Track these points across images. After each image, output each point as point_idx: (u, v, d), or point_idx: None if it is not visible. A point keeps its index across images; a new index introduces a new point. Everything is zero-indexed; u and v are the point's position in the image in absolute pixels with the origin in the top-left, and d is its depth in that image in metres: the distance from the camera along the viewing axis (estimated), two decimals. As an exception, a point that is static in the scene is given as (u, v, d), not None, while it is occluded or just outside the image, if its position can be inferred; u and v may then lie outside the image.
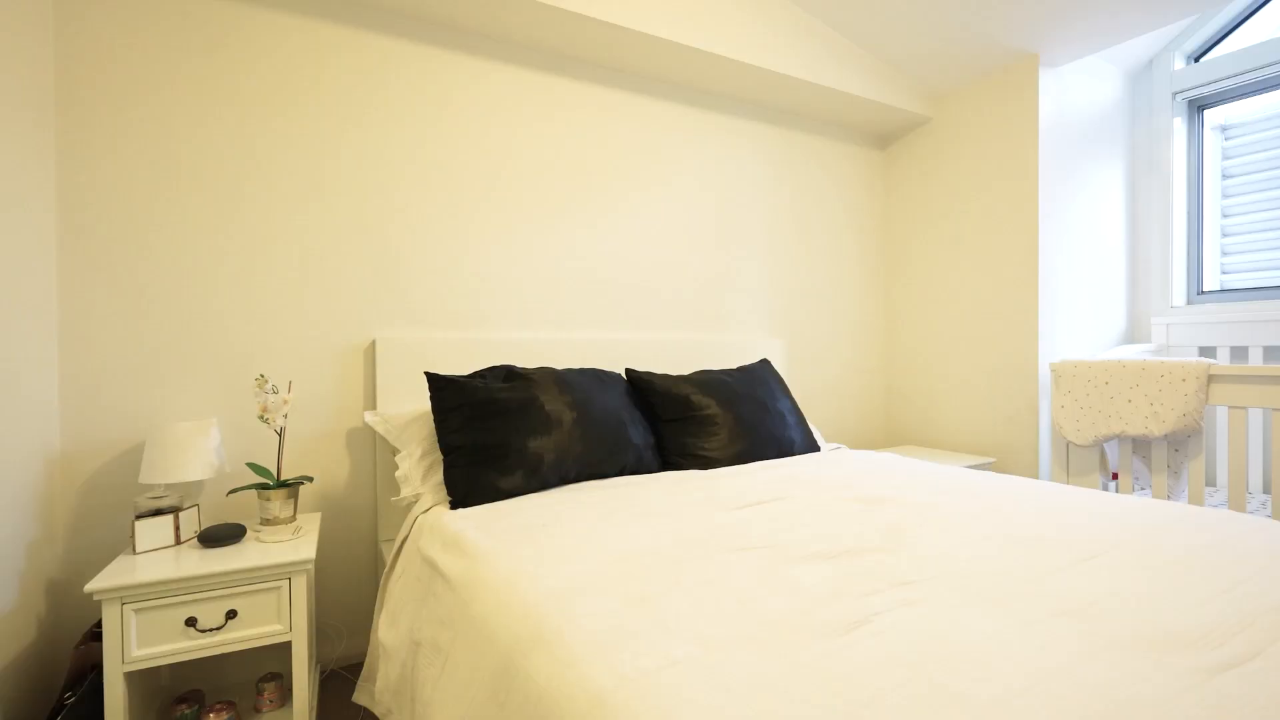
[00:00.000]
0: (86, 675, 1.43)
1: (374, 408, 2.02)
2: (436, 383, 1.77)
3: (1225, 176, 3.04)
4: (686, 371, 2.56)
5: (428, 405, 1.98)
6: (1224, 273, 3.06)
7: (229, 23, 1.83)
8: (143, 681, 1.51)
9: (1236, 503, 2.09)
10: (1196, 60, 3.00)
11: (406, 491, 1.72)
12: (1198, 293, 3.01)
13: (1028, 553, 1.17)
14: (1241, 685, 0.73)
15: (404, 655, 1.28)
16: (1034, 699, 0.70)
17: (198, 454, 1.60)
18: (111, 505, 1.69)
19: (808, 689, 0.72)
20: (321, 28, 1.95)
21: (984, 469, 2.76)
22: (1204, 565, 1.08)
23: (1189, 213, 3.04)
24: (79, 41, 1.66)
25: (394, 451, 1.98)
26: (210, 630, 1.39)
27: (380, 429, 1.89)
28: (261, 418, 1.64)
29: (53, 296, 1.62)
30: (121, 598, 1.32)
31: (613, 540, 1.25)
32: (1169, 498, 2.29)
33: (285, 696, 1.64)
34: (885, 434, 3.31)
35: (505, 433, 1.70)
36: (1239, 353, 2.80)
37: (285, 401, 1.67)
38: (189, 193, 1.79)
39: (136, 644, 1.34)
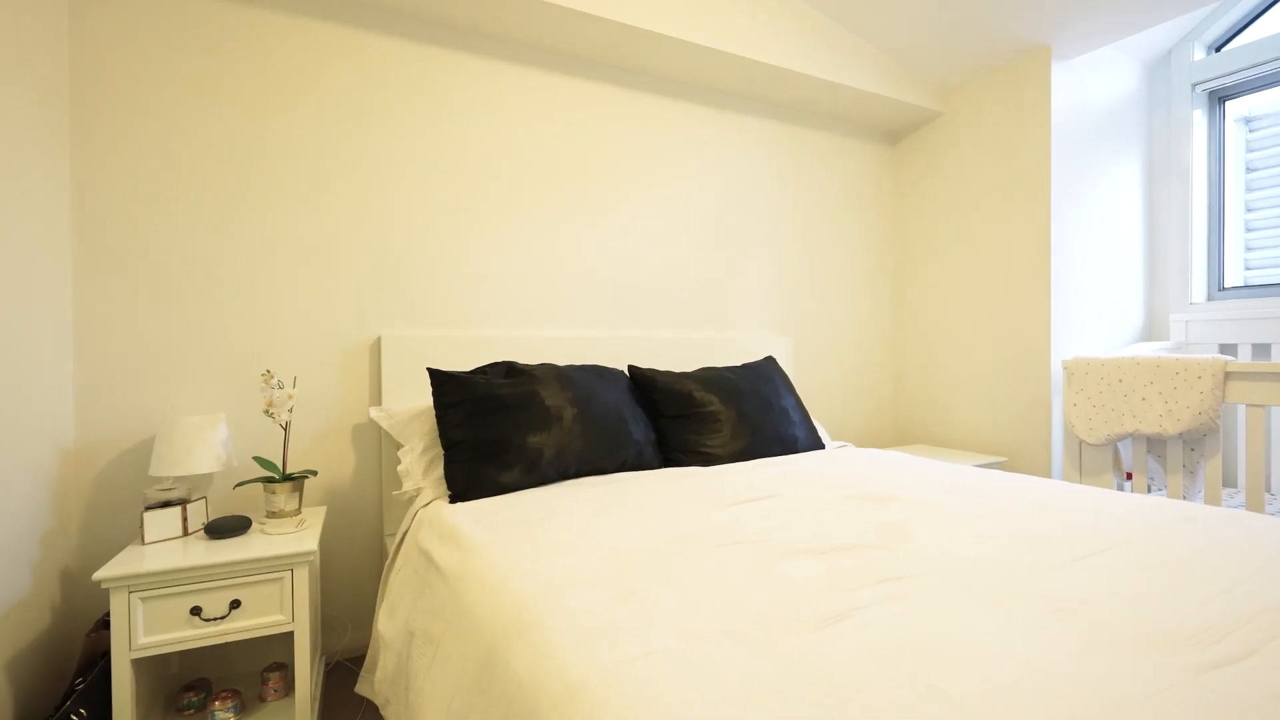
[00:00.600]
0: (97, 662, 1.47)
1: (379, 404, 2.05)
2: (438, 378, 1.79)
3: (1249, 170, 2.96)
4: (691, 369, 2.56)
5: (431, 401, 2.00)
6: (1247, 268, 2.97)
7: (235, 25, 1.87)
8: (152, 669, 1.55)
9: (1255, 503, 2.04)
10: (1218, 50, 2.93)
11: (408, 486, 1.74)
12: (1219, 289, 2.93)
13: (1028, 551, 1.15)
14: (1234, 682, 0.72)
15: (400, 645, 1.30)
16: (1017, 694, 0.69)
17: (206, 448, 1.64)
18: (123, 498, 1.73)
19: (783, 680, 0.72)
20: (325, 28, 1.98)
21: (995, 468, 2.72)
22: (1205, 565, 1.05)
23: (1210, 207, 2.96)
24: (91, 46, 1.71)
25: (398, 446, 2.00)
26: (214, 619, 1.42)
27: (384, 424, 1.92)
28: (267, 412, 1.67)
29: (67, 296, 1.67)
30: (128, 586, 1.35)
31: (606, 535, 1.25)
32: (1185, 498, 2.24)
33: (289, 686, 1.67)
34: (894, 432, 3.28)
35: (505, 428, 1.71)
36: (1261, 350, 2.73)
37: (290, 396, 1.70)
38: (197, 194, 1.82)
39: (143, 632, 1.37)
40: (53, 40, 1.61)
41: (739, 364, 2.61)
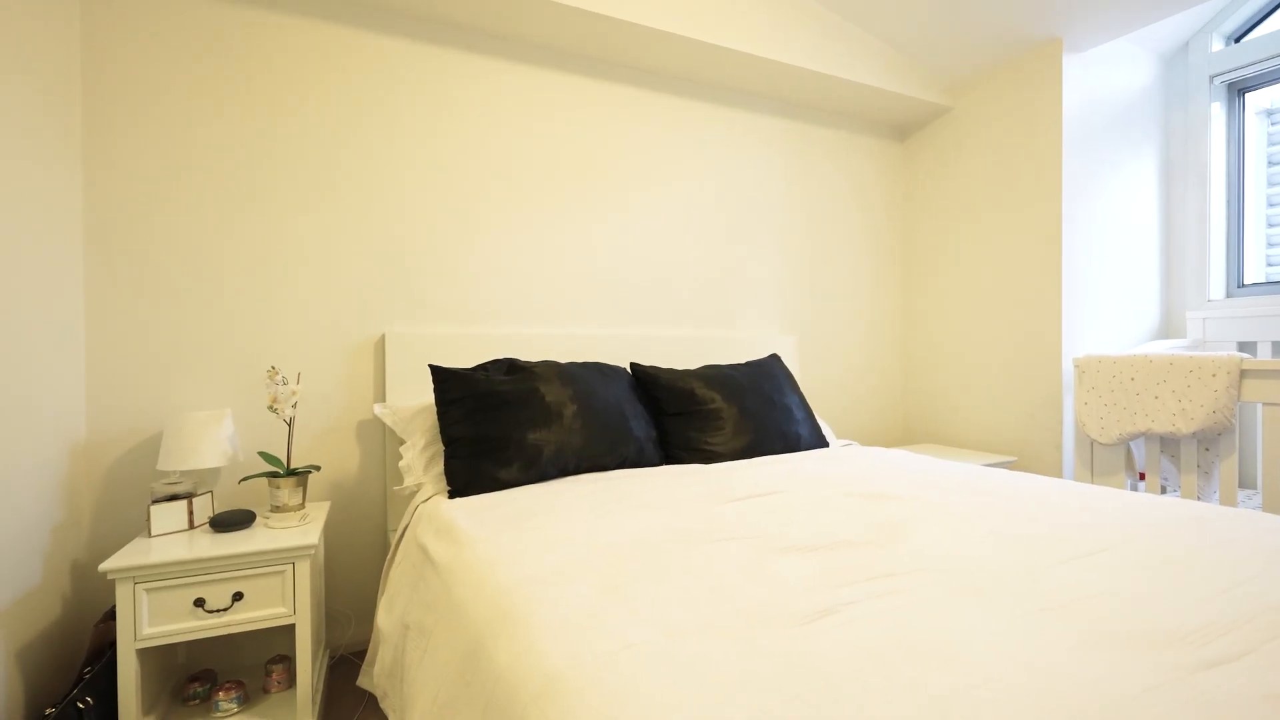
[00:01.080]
0: (105, 651, 1.50)
1: (384, 400, 2.07)
2: (440, 375, 1.80)
3: (1271, 163, 2.89)
4: (695, 367, 2.56)
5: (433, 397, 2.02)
6: (1269, 264, 2.90)
7: (243, 27, 1.89)
8: (159, 659, 1.58)
9: (1272, 505, 1.99)
10: (1237, 41, 2.86)
11: (409, 481, 1.75)
12: (1238, 285, 2.87)
13: (1027, 550, 1.13)
14: (1226, 682, 0.70)
15: (396, 639, 1.31)
16: (994, 691, 0.68)
17: (212, 443, 1.66)
18: (134, 491, 1.77)
19: (762, 674, 0.71)
20: (332, 30, 2.00)
21: (1004, 468, 2.68)
22: (1206, 564, 1.03)
23: (1229, 201, 2.89)
24: (102, 49, 1.74)
25: (401, 443, 2.02)
26: (218, 611, 1.44)
27: (388, 420, 1.94)
28: (271, 408, 1.70)
29: (79, 295, 1.70)
30: (134, 578, 1.38)
31: (599, 530, 1.25)
32: (1199, 499, 2.19)
33: (293, 679, 1.69)
34: (903, 431, 3.24)
35: (505, 425, 1.72)
36: (1282, 348, 2.66)
37: (294, 392, 1.72)
38: (205, 193, 1.86)
39: (148, 622, 1.40)
40: (65, 43, 1.65)
41: (742, 361, 2.60)
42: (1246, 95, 2.85)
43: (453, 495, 1.63)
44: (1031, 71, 2.63)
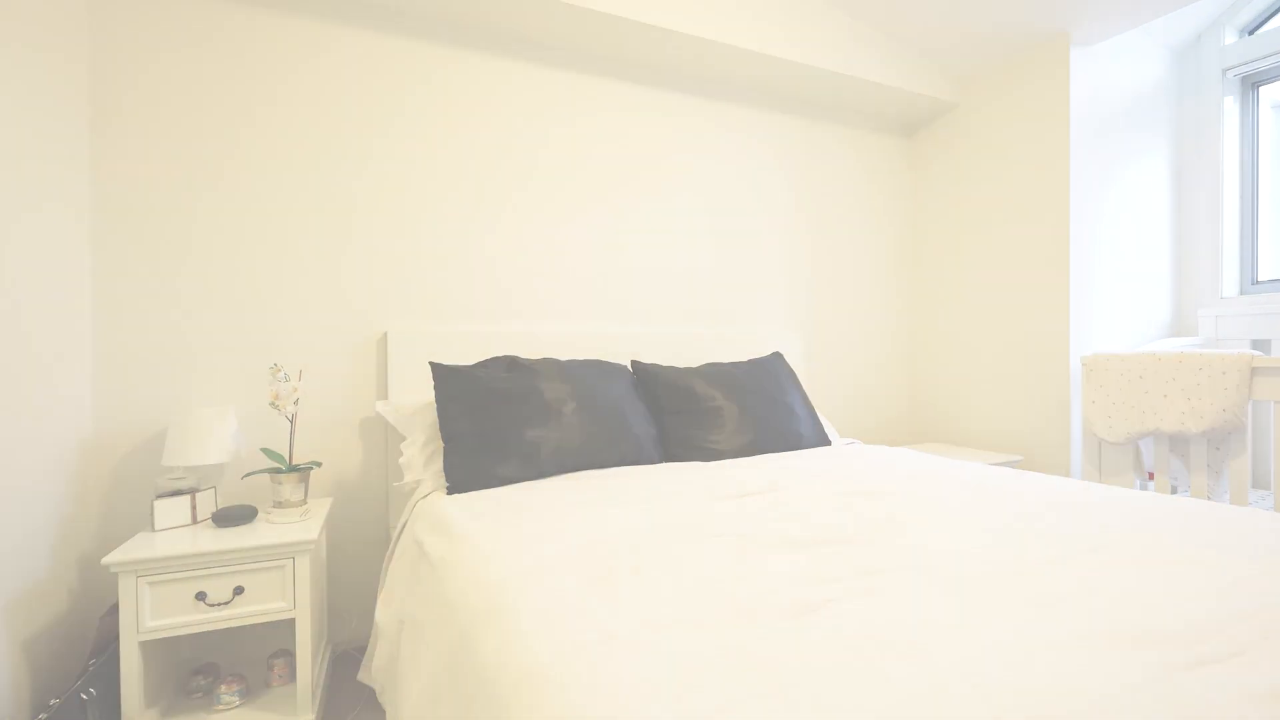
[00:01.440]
0: (110, 644, 1.53)
1: (386, 397, 2.09)
2: (440, 372, 1.81)
3: (1286, 158, 2.84)
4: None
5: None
6: (1285, 261, 2.85)
7: (247, 28, 1.92)
8: (164, 653, 1.60)
9: (1284, 505, 1.95)
10: (1251, 33, 2.81)
11: (409, 477, 1.77)
12: (1252, 282, 2.81)
13: (1020, 547, 1.12)
14: (1211, 681, 0.69)
15: (393, 633, 1.33)
16: (971, 687, 0.67)
17: (216, 439, 1.68)
18: (140, 486, 1.79)
19: (737, 668, 0.71)
20: (334, 30, 2.02)
21: (1010, 468, 2.65)
22: (1206, 562, 1.01)
23: (1243, 196, 2.84)
24: (110, 51, 1.77)
25: (403, 439, 2.03)
26: (219, 605, 1.46)
27: (390, 417, 1.95)
28: (273, 404, 1.72)
29: (86, 292, 1.73)
30: (136, 571, 1.40)
31: (592, 525, 1.26)
32: (1209, 499, 2.15)
33: (294, 673, 1.70)
34: (910, 430, 3.21)
35: (504, 421, 1.73)
36: (1297, 346, 2.61)
37: (295, 389, 1.74)
38: (210, 193, 1.88)
39: (150, 615, 1.42)
40: (73, 42, 1.68)
41: (745, 360, 2.59)
42: (1260, 89, 2.80)
43: (451, 491, 1.64)
44: (1039, 66, 2.60)
